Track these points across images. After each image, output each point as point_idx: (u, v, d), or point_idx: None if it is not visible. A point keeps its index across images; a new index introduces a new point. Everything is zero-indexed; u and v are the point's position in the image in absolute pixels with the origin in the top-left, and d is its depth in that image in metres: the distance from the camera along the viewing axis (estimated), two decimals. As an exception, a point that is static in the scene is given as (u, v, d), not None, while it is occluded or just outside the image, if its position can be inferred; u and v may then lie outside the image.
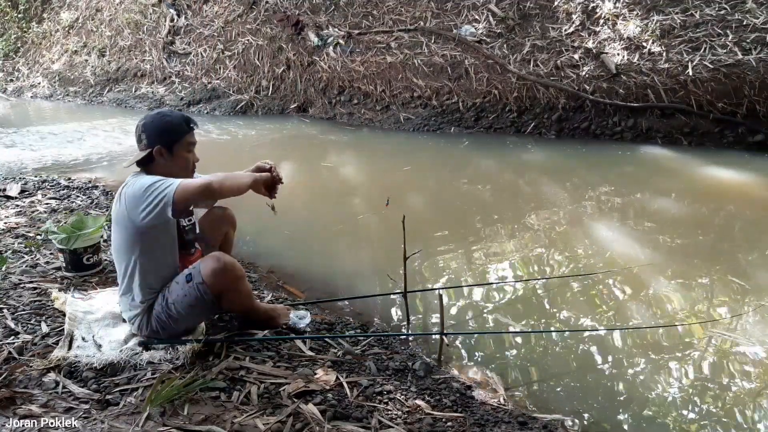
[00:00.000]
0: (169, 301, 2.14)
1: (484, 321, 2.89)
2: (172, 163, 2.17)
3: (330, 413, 1.84)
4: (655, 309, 2.91)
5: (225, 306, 2.27)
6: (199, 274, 2.12)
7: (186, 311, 2.15)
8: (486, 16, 7.77)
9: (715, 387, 2.31)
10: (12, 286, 2.71)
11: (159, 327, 2.17)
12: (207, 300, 2.14)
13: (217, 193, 2.12)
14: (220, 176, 2.12)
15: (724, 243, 3.81)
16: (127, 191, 2.06)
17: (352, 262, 3.69)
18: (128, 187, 2.07)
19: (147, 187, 1.99)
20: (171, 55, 10.54)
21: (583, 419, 2.13)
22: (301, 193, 5.26)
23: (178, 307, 2.13)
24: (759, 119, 5.77)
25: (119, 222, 2.10)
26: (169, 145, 2.15)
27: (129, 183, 2.10)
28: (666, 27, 6.54)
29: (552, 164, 5.89)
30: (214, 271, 2.10)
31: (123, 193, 2.08)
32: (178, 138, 2.17)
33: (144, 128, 2.16)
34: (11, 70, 13.67)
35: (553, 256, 3.62)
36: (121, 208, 2.07)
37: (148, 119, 2.19)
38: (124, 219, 2.07)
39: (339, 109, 8.41)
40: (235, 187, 2.13)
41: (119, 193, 2.12)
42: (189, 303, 2.12)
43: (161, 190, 1.97)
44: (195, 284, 2.12)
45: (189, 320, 2.21)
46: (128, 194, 2.05)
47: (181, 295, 2.13)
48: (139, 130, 2.17)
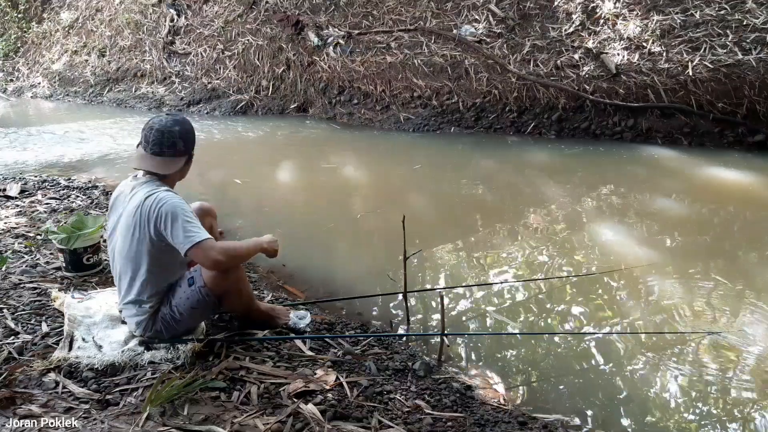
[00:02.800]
0: (173, 303, 2.16)
1: (484, 321, 2.89)
2: (185, 170, 2.20)
3: (330, 413, 1.84)
4: (656, 309, 2.91)
5: (226, 307, 2.29)
6: (201, 278, 2.13)
7: (188, 313, 2.16)
8: (486, 16, 7.77)
9: (714, 387, 2.31)
10: (12, 286, 2.70)
11: (163, 327, 2.18)
12: (209, 302, 2.16)
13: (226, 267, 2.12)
14: (235, 252, 2.13)
15: (724, 243, 3.81)
16: (150, 208, 2.00)
17: (352, 262, 3.69)
18: (152, 202, 2.01)
19: (175, 219, 1.98)
20: (171, 55, 10.54)
21: (583, 419, 2.13)
22: (300, 193, 5.27)
23: (181, 308, 2.15)
24: (759, 119, 5.77)
25: (133, 230, 2.05)
26: (192, 153, 2.19)
27: (150, 195, 2.02)
28: (666, 27, 6.53)
29: (552, 164, 5.89)
30: (214, 275, 2.11)
31: (144, 204, 2.01)
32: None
33: (180, 134, 2.09)
34: (11, 70, 13.66)
35: (554, 257, 3.61)
36: (141, 219, 2.02)
37: (180, 125, 2.11)
38: (141, 229, 2.03)
39: (339, 109, 8.41)
40: (246, 258, 2.28)
41: (139, 201, 2.03)
42: (191, 305, 2.14)
43: (186, 236, 1.97)
44: (197, 287, 2.13)
45: (191, 321, 2.23)
46: (151, 212, 2.00)
47: (184, 298, 2.14)
48: (170, 135, 2.07)
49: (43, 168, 5.89)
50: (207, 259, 2.00)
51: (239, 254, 2.15)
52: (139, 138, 2.16)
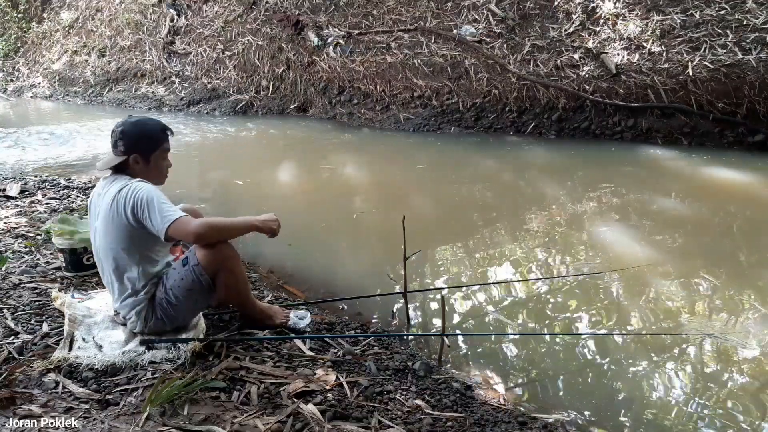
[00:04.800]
0: (167, 286, 2.18)
1: (484, 321, 2.89)
2: (147, 169, 2.20)
3: (330, 413, 1.84)
4: (656, 309, 2.91)
5: (221, 292, 2.27)
6: (195, 257, 2.17)
7: (184, 295, 2.17)
8: (486, 16, 7.77)
9: (714, 387, 2.31)
10: (12, 286, 2.71)
11: (163, 315, 2.20)
12: (203, 282, 2.18)
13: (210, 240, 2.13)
14: (217, 224, 2.14)
15: (724, 243, 3.81)
16: (125, 196, 2.06)
17: (352, 262, 3.69)
18: (126, 193, 2.07)
19: (150, 202, 2.03)
20: (171, 55, 10.54)
21: (583, 419, 2.13)
22: (300, 193, 5.27)
23: (176, 291, 2.17)
24: (759, 119, 5.77)
25: (112, 221, 2.10)
26: (147, 154, 2.18)
27: (123, 188, 2.09)
28: (666, 27, 6.54)
29: (552, 164, 5.89)
30: (206, 251, 2.15)
31: (117, 196, 2.08)
32: (156, 147, 2.20)
33: (122, 135, 2.15)
34: (11, 70, 13.68)
35: (554, 256, 3.61)
36: (118, 208, 2.07)
37: (126, 126, 2.17)
38: (120, 218, 2.08)
39: (339, 109, 8.41)
40: (234, 233, 2.23)
41: (113, 194, 2.10)
42: (186, 287, 2.16)
43: (162, 216, 2.01)
44: (191, 267, 2.16)
45: (188, 306, 2.23)
46: (127, 200, 2.06)
47: (178, 279, 2.17)
48: (116, 135, 2.16)
49: (43, 168, 5.89)
50: (187, 233, 2.04)
51: (222, 227, 2.16)
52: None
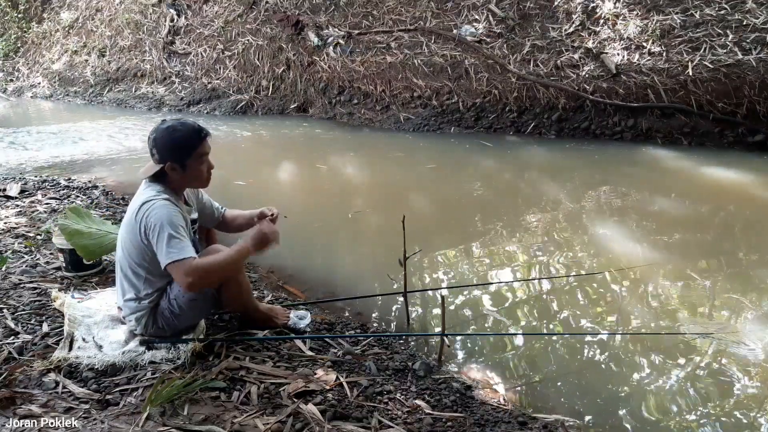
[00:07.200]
0: (171, 296, 2.17)
1: (484, 321, 2.89)
2: (185, 176, 2.17)
3: (330, 413, 1.84)
4: (656, 309, 2.91)
5: (225, 300, 2.28)
6: None
7: (187, 305, 2.16)
8: (486, 16, 7.76)
9: (714, 388, 2.31)
10: (12, 286, 2.71)
11: (164, 323, 2.19)
12: (208, 293, 2.17)
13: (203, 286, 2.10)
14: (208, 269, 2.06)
15: (724, 243, 3.81)
16: (142, 216, 2.05)
17: (353, 262, 3.69)
18: (146, 210, 2.06)
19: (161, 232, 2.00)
20: (171, 55, 10.54)
21: (583, 419, 2.13)
22: (300, 193, 5.27)
23: (180, 301, 2.15)
24: (759, 119, 5.76)
25: (130, 230, 2.11)
26: (181, 161, 2.13)
27: (146, 202, 2.07)
28: (666, 27, 6.53)
29: (552, 164, 5.89)
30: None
31: (139, 211, 2.07)
32: (190, 152, 2.14)
33: (155, 143, 2.12)
34: (11, 70, 13.67)
35: (554, 257, 3.61)
36: (135, 222, 2.07)
37: (158, 134, 2.12)
38: (134, 231, 2.09)
39: (339, 109, 8.41)
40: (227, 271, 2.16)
41: (135, 204, 2.11)
42: (190, 297, 2.14)
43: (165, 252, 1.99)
44: None
45: (191, 315, 2.23)
46: (142, 220, 2.05)
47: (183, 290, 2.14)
48: (150, 144, 2.13)
49: (43, 168, 5.89)
50: (179, 281, 2.05)
51: (213, 270, 2.09)
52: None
